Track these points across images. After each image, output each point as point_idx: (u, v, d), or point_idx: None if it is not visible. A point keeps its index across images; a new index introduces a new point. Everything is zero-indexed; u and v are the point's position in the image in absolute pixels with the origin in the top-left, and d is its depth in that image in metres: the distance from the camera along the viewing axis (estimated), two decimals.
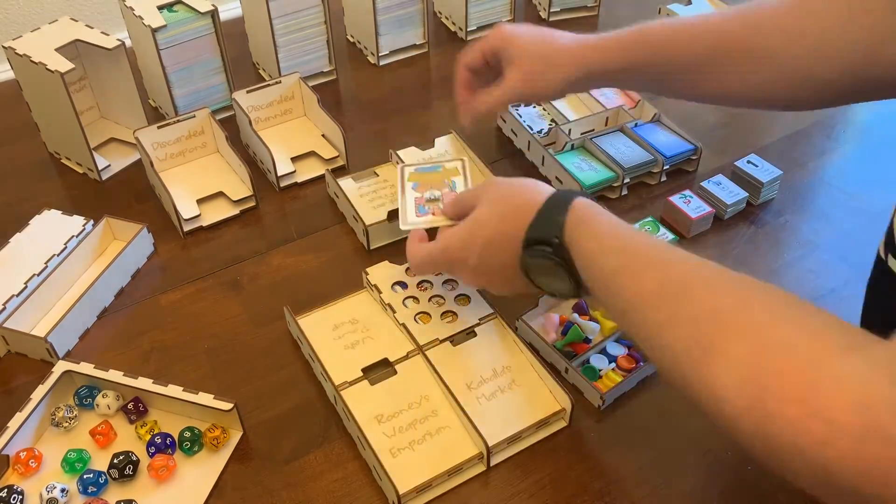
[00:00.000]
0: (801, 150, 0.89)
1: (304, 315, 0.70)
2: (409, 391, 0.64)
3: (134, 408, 0.64)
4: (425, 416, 0.63)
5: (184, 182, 0.84)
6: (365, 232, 0.77)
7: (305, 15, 0.96)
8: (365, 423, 0.61)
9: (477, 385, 0.64)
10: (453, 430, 0.62)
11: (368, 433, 0.60)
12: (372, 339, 0.68)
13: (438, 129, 0.91)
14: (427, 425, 0.62)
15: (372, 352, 0.67)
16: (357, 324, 0.69)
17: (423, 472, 0.59)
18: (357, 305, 0.71)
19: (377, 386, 0.64)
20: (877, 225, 0.79)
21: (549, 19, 1.13)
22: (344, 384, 0.64)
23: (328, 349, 0.66)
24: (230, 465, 0.62)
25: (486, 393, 0.64)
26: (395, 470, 0.58)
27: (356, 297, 0.72)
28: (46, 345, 0.67)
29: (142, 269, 0.78)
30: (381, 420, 0.62)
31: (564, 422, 0.63)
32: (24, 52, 0.80)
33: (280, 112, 0.93)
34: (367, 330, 0.69)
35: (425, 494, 0.59)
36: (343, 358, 0.66)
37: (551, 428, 0.63)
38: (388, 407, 0.63)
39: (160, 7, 0.87)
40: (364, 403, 0.63)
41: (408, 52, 1.07)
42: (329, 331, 0.69)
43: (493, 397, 0.64)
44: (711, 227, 0.80)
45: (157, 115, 0.97)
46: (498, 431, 0.61)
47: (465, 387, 0.64)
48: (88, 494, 0.59)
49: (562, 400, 0.63)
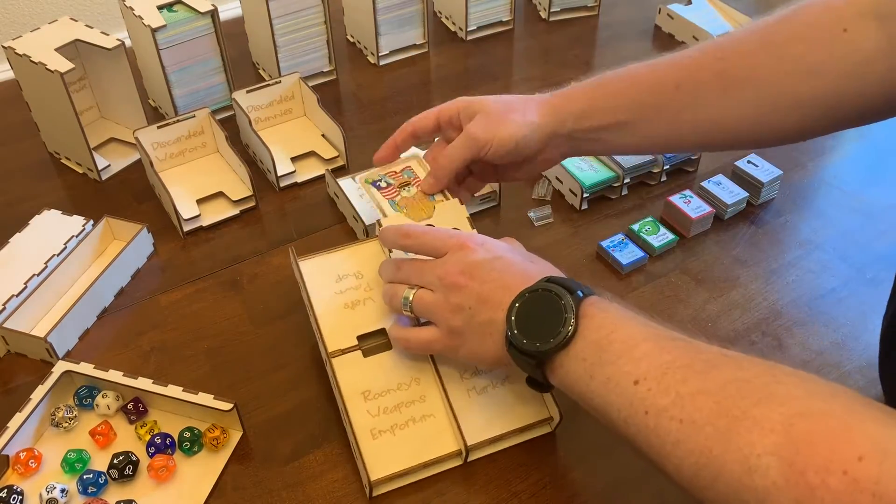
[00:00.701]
0: (801, 150, 0.89)
1: (309, 257, 0.67)
2: (400, 370, 0.62)
3: (134, 408, 0.64)
4: (412, 400, 0.61)
5: (184, 182, 0.84)
6: (365, 232, 0.77)
7: (305, 15, 0.96)
8: (350, 398, 0.60)
9: (470, 376, 0.63)
10: (437, 420, 0.61)
11: (351, 409, 0.59)
12: (373, 301, 0.65)
13: None
14: (412, 410, 0.61)
15: (371, 317, 0.64)
16: (361, 279, 0.66)
17: (400, 460, 0.58)
18: (365, 256, 0.67)
19: (370, 359, 0.63)
20: (877, 225, 0.80)
21: (549, 19, 1.13)
22: (337, 352, 0.62)
23: (327, 305, 0.64)
24: (230, 465, 0.61)
25: (477, 386, 0.62)
26: (371, 453, 0.58)
27: (366, 245, 0.68)
28: (46, 345, 0.67)
29: (142, 269, 0.78)
30: (368, 397, 0.61)
31: (549, 428, 0.62)
32: (23, 52, 0.80)
33: (280, 112, 0.93)
34: (370, 289, 0.65)
35: (397, 481, 0.59)
36: (341, 319, 0.64)
37: (535, 432, 0.62)
38: (377, 384, 0.61)
39: (160, 7, 0.87)
40: (354, 376, 0.61)
41: (408, 52, 1.07)
42: (332, 282, 0.66)
43: (484, 392, 0.62)
44: (711, 227, 0.80)
45: (156, 115, 0.97)
46: (481, 430, 0.60)
47: (459, 376, 0.62)
48: (88, 495, 0.59)
49: (552, 408, 0.61)
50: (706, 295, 0.74)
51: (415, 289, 0.59)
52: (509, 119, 0.65)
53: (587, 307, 0.51)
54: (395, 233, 0.62)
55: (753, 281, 0.75)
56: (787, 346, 0.69)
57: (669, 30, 1.09)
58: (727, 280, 0.75)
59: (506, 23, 1.11)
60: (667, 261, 0.77)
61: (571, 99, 0.67)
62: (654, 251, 0.77)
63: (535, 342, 0.51)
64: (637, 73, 0.65)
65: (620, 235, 0.78)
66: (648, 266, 0.77)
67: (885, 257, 0.76)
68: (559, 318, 0.51)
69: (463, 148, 0.66)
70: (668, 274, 0.76)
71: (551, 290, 0.52)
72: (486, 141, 0.65)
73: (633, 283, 0.75)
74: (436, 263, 0.59)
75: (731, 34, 0.65)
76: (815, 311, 0.72)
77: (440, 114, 0.69)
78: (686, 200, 0.80)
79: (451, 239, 0.59)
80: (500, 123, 0.65)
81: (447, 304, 0.57)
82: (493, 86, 1.01)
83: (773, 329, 0.70)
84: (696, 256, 0.77)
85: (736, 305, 0.73)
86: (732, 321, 0.71)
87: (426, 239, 0.60)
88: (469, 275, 0.56)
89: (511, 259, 0.57)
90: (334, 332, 0.63)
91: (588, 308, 0.51)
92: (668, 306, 0.73)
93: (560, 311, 0.51)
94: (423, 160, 0.71)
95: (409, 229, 0.61)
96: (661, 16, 1.10)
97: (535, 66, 1.06)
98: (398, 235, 0.62)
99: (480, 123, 0.66)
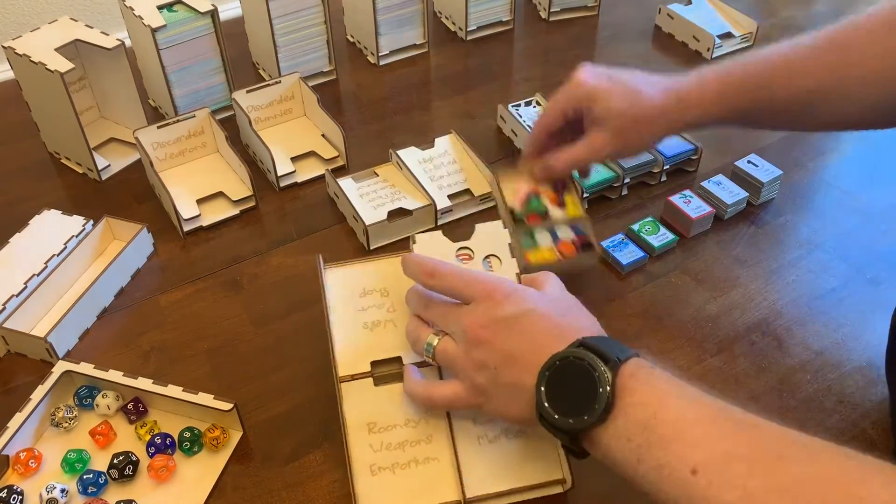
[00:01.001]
0: (801, 150, 0.89)
1: (336, 266, 0.64)
2: (410, 405, 0.59)
3: (134, 408, 0.64)
4: (418, 439, 0.58)
5: (184, 182, 0.84)
6: (365, 232, 0.77)
7: (305, 15, 0.96)
8: (353, 428, 0.58)
9: (484, 422, 0.58)
10: (441, 464, 0.57)
11: (353, 441, 0.57)
12: (395, 325, 0.61)
13: (438, 129, 0.91)
14: (416, 450, 0.57)
15: (389, 343, 0.61)
16: (387, 297, 0.62)
17: (395, 502, 0.56)
18: (395, 272, 0.61)
19: (381, 388, 0.60)
20: (877, 225, 0.80)
21: (549, 19, 1.13)
22: (347, 377, 0.60)
23: (345, 322, 0.61)
24: (230, 465, 0.61)
25: (489, 434, 0.58)
26: (365, 491, 0.56)
27: (397, 260, 0.61)
28: (46, 345, 0.67)
29: (142, 269, 0.78)
30: (373, 430, 0.58)
31: (560, 489, 0.57)
32: (24, 52, 0.80)
33: (280, 112, 0.93)
34: (393, 310, 0.62)
35: None
36: (357, 340, 0.61)
37: (544, 492, 0.57)
38: (384, 417, 0.58)
39: (160, 7, 0.87)
40: (361, 405, 0.59)
41: (408, 51, 1.07)
42: (355, 296, 0.62)
43: (496, 441, 0.58)
44: (711, 227, 0.80)
45: (156, 115, 0.97)
46: (484, 483, 0.56)
47: (471, 421, 0.58)
48: (88, 495, 0.59)
49: (565, 470, 0.57)
50: (706, 295, 0.74)
51: (440, 335, 0.56)
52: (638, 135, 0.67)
53: (626, 378, 0.47)
54: (418, 269, 0.57)
55: (753, 281, 0.75)
56: (787, 346, 0.69)
57: (669, 30, 1.09)
58: (727, 280, 0.75)
59: (506, 23, 1.11)
60: (667, 261, 0.77)
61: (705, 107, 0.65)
62: (654, 251, 0.77)
63: (568, 418, 0.47)
64: (772, 66, 0.64)
65: (620, 235, 0.78)
66: (648, 266, 0.77)
67: (885, 257, 0.76)
68: (594, 392, 0.46)
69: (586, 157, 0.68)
70: (668, 274, 0.76)
71: (584, 359, 0.47)
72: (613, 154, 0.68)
73: (633, 283, 0.75)
74: (461, 312, 0.54)
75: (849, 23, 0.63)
76: (815, 311, 0.72)
77: (566, 110, 0.68)
78: (686, 200, 0.80)
79: (478, 285, 0.54)
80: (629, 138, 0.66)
81: (469, 360, 0.53)
82: (493, 86, 1.01)
83: (773, 329, 0.70)
84: (696, 256, 0.77)
85: (736, 305, 0.73)
86: (732, 321, 0.71)
87: (451, 282, 0.56)
88: (493, 330, 0.52)
89: (542, 313, 0.52)
90: (347, 354, 0.60)
91: (628, 380, 0.47)
92: (668, 306, 0.73)
93: (594, 383, 0.46)
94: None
95: (435, 268, 0.56)
96: (661, 16, 1.10)
97: (535, 66, 1.06)
98: (422, 273, 0.57)
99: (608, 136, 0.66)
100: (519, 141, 0.90)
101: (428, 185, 0.82)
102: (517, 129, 0.90)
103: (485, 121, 0.95)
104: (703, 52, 1.05)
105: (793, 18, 1.13)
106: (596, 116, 0.66)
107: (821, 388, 0.65)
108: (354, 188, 0.82)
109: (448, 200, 0.81)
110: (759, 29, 1.05)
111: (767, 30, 1.08)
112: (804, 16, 1.13)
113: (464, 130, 0.89)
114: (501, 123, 0.93)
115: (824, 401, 0.64)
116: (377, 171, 0.85)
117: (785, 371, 0.67)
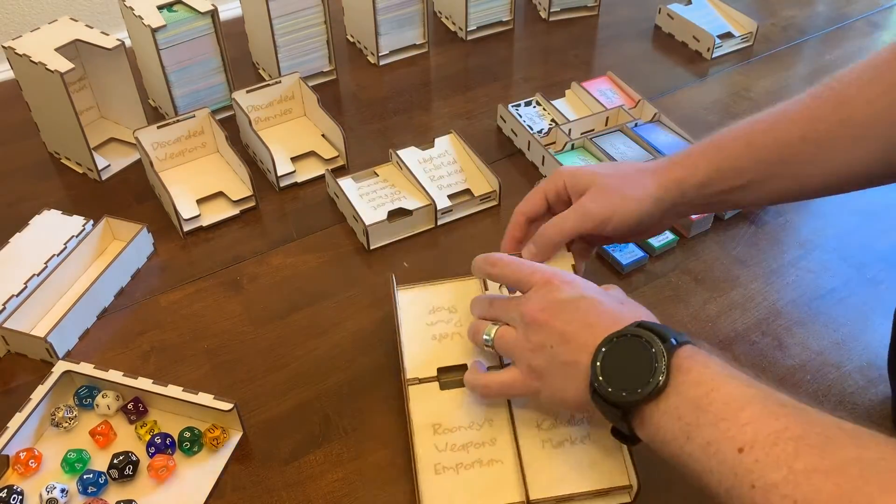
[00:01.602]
0: None
1: (408, 288, 0.68)
2: (474, 409, 0.60)
3: (134, 408, 0.64)
4: (482, 441, 0.59)
5: (184, 182, 0.84)
6: (365, 232, 0.77)
7: (305, 15, 0.96)
8: (419, 429, 0.59)
9: (548, 427, 0.59)
10: (505, 466, 0.58)
11: (418, 441, 0.58)
12: (461, 336, 0.65)
13: (438, 128, 0.92)
14: (481, 452, 0.58)
15: (455, 352, 0.64)
16: (454, 314, 0.66)
17: (458, 501, 0.56)
18: (463, 292, 0.67)
19: (446, 392, 0.62)
20: (877, 225, 0.80)
21: (549, 19, 1.13)
22: (414, 380, 0.62)
23: (415, 334, 0.65)
24: (230, 465, 0.61)
25: (554, 438, 0.58)
26: (429, 489, 0.56)
27: (466, 282, 0.68)
28: (46, 345, 0.67)
29: (142, 269, 0.78)
30: (437, 431, 0.59)
31: (628, 498, 0.56)
32: (23, 52, 0.80)
33: (280, 112, 0.93)
34: (460, 325, 0.65)
35: None
36: (425, 349, 0.64)
37: (609, 500, 0.57)
38: (449, 419, 0.60)
39: (160, 7, 0.87)
40: (427, 407, 0.61)
41: (408, 52, 1.07)
42: (425, 312, 0.66)
43: (560, 446, 0.58)
44: (711, 227, 0.80)
45: (156, 115, 0.97)
46: (548, 486, 0.56)
47: (536, 425, 0.59)
48: (88, 494, 0.59)
49: (632, 476, 0.56)
50: (706, 295, 0.74)
51: (498, 325, 0.58)
52: (628, 195, 0.62)
53: (682, 359, 0.48)
54: (483, 260, 0.61)
55: (753, 281, 0.75)
56: (787, 346, 0.69)
57: (669, 30, 1.09)
58: (727, 280, 0.75)
59: (506, 23, 1.11)
60: (667, 261, 0.77)
61: (691, 168, 0.63)
62: (654, 251, 0.77)
63: (622, 391, 0.48)
64: (755, 131, 0.62)
65: None
66: (648, 266, 0.77)
67: (885, 257, 0.76)
68: (649, 368, 0.47)
69: (576, 222, 0.62)
70: (668, 274, 0.76)
71: (641, 336, 0.48)
72: (604, 218, 0.62)
73: (633, 283, 0.75)
74: (520, 300, 0.56)
75: (842, 76, 0.60)
76: (815, 311, 0.72)
77: (546, 192, 0.65)
78: None
79: (536, 273, 0.57)
80: (620, 200, 0.62)
81: (527, 343, 0.54)
82: (493, 86, 1.01)
83: (773, 329, 0.70)
84: (696, 256, 0.77)
85: (736, 305, 0.73)
86: (732, 321, 0.71)
87: (511, 269, 0.58)
88: (551, 312, 0.53)
89: (599, 299, 0.54)
90: (415, 361, 0.63)
91: (683, 360, 0.47)
92: (668, 306, 0.73)
93: (650, 359, 0.47)
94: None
95: (496, 258, 0.60)
96: (661, 16, 1.10)
97: (535, 66, 1.06)
98: (486, 263, 0.60)
99: (597, 199, 0.62)
100: (519, 141, 0.90)
101: (428, 185, 0.82)
102: (517, 129, 0.90)
103: (485, 121, 0.95)
104: (703, 52, 1.05)
105: (793, 18, 1.13)
106: (581, 186, 0.64)
107: (821, 388, 0.65)
108: (354, 188, 0.82)
109: (448, 200, 0.81)
110: (758, 29, 1.05)
111: (767, 30, 1.08)
112: (804, 16, 1.13)
113: (464, 130, 0.89)
114: (501, 123, 0.93)
115: (824, 401, 0.64)
116: (377, 171, 0.85)
117: (785, 371, 0.67)
